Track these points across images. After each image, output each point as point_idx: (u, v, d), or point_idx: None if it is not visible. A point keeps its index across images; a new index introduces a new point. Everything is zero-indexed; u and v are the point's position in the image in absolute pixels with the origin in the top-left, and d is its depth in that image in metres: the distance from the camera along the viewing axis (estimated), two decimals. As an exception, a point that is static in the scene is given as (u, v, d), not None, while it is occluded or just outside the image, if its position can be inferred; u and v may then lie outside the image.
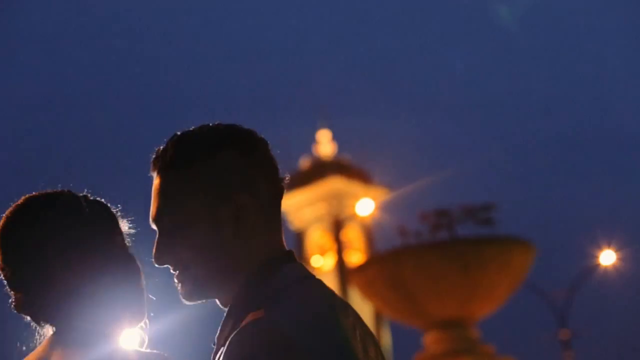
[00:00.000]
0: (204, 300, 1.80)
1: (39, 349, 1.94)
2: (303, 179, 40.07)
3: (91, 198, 2.03)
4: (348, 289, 32.86)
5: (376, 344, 1.80)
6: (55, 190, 2.01)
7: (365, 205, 27.69)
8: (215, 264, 1.74)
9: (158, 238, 1.78)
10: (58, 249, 1.90)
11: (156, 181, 1.79)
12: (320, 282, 1.78)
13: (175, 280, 1.78)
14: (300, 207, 39.93)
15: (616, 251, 17.40)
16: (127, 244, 2.04)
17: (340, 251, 38.81)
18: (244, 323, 1.65)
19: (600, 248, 17.37)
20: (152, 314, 2.06)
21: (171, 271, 1.79)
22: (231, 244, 1.74)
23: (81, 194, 2.02)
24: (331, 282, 37.30)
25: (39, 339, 1.97)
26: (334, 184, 39.46)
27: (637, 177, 69.44)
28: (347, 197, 38.09)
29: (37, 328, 1.97)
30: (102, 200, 2.05)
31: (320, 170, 40.00)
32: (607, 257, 17.25)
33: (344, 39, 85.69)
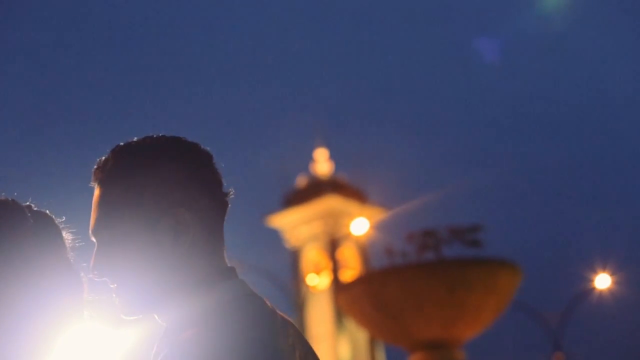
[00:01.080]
0: (141, 316, 1.76)
1: None
2: (299, 197, 40.09)
3: (35, 208, 1.96)
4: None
5: None
6: None
7: (360, 225, 27.69)
8: (152, 279, 1.70)
9: (96, 250, 1.74)
10: None
11: (96, 192, 1.76)
12: (258, 300, 1.74)
13: (113, 295, 1.74)
14: (296, 225, 39.90)
15: (611, 275, 17.35)
16: (70, 256, 1.96)
17: (335, 270, 38.71)
18: (174, 343, 1.62)
19: (595, 271, 17.33)
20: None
21: (109, 285, 1.75)
22: (169, 259, 1.70)
23: (25, 204, 1.96)
24: (326, 301, 37.24)
25: None
26: (330, 202, 39.42)
27: (633, 201, 69.45)
28: (343, 216, 38.07)
29: None
30: (47, 211, 1.98)
31: (317, 188, 39.98)
32: (602, 281, 17.19)
33: (341, 59, 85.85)
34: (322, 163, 41.24)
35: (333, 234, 38.40)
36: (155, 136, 1.79)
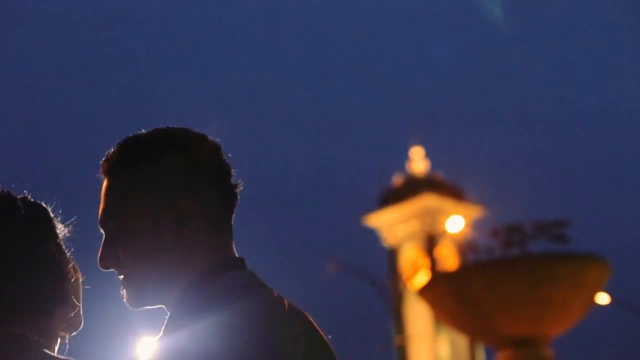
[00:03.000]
0: (148, 307, 1.76)
1: None
2: (396, 196, 39.98)
3: (31, 200, 2.02)
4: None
5: (330, 359, 1.74)
6: None
7: (456, 222, 27.44)
8: (157, 269, 1.71)
9: (103, 241, 1.75)
10: None
11: (104, 184, 1.77)
12: (264, 290, 1.73)
13: (120, 286, 1.76)
14: (393, 224, 39.82)
15: None
16: (64, 249, 2.01)
17: (433, 268, 38.45)
18: (171, 332, 1.64)
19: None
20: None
21: (116, 276, 1.76)
22: (173, 249, 1.71)
23: (20, 196, 2.01)
24: (424, 300, 37.05)
25: None
26: (427, 201, 39.22)
27: None
28: (440, 214, 37.81)
29: None
30: (42, 203, 2.03)
31: (413, 187, 39.82)
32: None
33: (436, 57, 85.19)
34: (418, 161, 41.04)
35: (430, 232, 38.17)
36: (162, 128, 1.80)
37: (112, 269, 1.75)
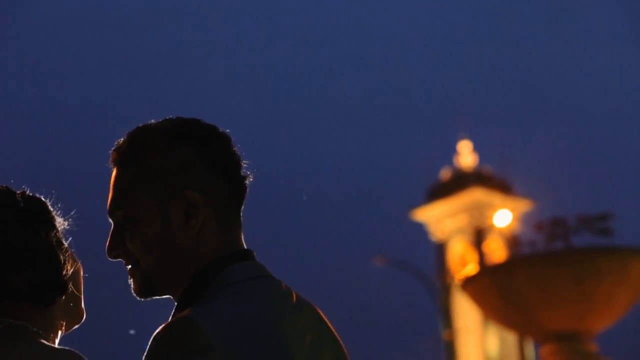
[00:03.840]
0: (156, 297, 1.78)
1: None
2: (444, 190, 39.82)
3: (29, 194, 2.05)
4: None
5: (337, 354, 1.74)
6: None
7: (503, 216, 27.23)
8: (164, 260, 1.72)
9: (112, 231, 1.77)
10: None
11: (113, 174, 1.79)
12: (270, 282, 1.74)
13: (128, 276, 1.77)
14: (441, 218, 39.67)
15: None
16: (63, 240, 2.02)
17: (482, 263, 38.20)
18: (168, 321, 1.64)
19: None
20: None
21: (125, 266, 1.78)
22: (181, 240, 1.72)
23: (19, 191, 2.04)
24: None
25: None
26: (475, 195, 38.99)
27: None
28: (489, 208, 37.53)
29: None
30: (42, 197, 2.06)
31: (461, 181, 39.61)
32: None
33: (484, 48, 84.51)
34: (466, 155, 40.80)
35: (478, 227, 37.95)
36: (172, 118, 1.81)
37: (120, 259, 1.77)
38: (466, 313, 36.59)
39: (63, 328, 1.99)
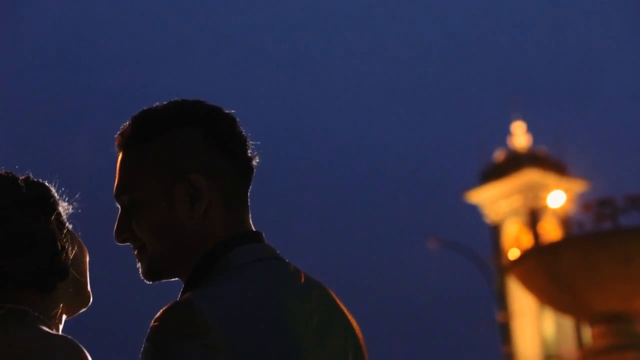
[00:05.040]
0: (163, 280, 1.77)
1: None
2: (498, 172, 39.49)
3: (33, 179, 2.05)
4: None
5: (347, 337, 1.71)
6: None
7: (557, 197, 26.93)
8: (170, 243, 1.71)
9: (119, 215, 1.76)
10: None
11: (119, 157, 1.78)
12: (277, 264, 1.72)
13: (136, 259, 1.77)
14: (495, 199, 39.36)
15: None
16: (66, 224, 2.02)
17: (537, 244, 37.87)
18: (169, 304, 1.62)
19: None
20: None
21: (132, 250, 1.78)
22: (186, 223, 1.71)
23: (22, 176, 2.04)
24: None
25: None
26: (530, 176, 38.61)
27: None
28: (543, 189, 37.19)
29: None
30: (46, 182, 2.06)
31: (515, 162, 39.23)
32: None
33: (536, 30, 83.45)
34: (520, 136, 40.37)
35: (533, 208, 37.59)
36: (177, 100, 1.79)
37: (127, 243, 1.77)
38: (521, 295, 36.32)
39: (67, 312, 1.99)
